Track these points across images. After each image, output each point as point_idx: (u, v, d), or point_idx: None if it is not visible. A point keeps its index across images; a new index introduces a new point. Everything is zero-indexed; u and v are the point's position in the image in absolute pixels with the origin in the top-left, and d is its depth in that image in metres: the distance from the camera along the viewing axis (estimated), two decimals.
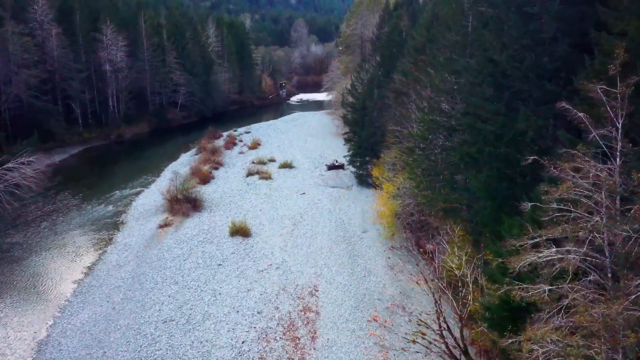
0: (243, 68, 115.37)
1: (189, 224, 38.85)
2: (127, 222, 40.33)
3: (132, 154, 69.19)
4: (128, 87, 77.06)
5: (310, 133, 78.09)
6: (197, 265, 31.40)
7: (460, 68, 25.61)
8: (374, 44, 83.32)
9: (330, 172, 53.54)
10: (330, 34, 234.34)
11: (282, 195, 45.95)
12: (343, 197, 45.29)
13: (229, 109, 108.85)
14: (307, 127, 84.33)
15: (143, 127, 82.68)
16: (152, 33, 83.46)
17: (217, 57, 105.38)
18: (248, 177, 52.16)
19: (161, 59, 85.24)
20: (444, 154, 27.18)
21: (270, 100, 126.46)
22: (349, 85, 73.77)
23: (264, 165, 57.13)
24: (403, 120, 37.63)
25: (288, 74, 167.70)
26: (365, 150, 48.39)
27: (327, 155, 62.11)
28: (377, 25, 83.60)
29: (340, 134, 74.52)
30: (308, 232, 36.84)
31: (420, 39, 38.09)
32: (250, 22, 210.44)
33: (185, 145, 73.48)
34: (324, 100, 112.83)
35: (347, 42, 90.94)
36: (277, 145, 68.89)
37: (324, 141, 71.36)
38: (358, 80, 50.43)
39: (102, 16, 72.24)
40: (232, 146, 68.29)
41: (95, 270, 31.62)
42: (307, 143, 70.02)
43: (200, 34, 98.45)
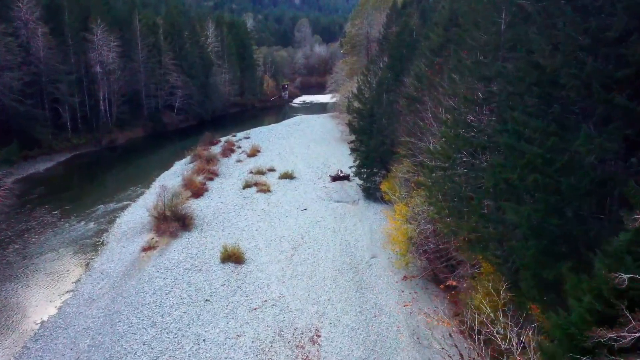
0: (244, 69, 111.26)
1: (176, 246, 34.57)
2: (108, 244, 36.07)
3: (124, 161, 65.03)
4: (121, 90, 72.99)
5: (313, 138, 73.79)
6: (180, 300, 27.10)
7: (492, 74, 21.23)
8: (381, 45, 78.99)
9: (334, 184, 49.21)
10: (334, 34, 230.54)
11: (281, 211, 41.63)
12: (349, 214, 40.93)
13: (229, 111, 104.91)
14: (309, 131, 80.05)
15: (137, 132, 78.66)
16: (148, 33, 79.38)
17: (216, 58, 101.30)
18: (245, 189, 47.88)
19: (157, 60, 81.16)
20: (471, 175, 22.79)
21: (272, 103, 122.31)
22: (355, 89, 69.65)
23: (263, 175, 52.88)
24: (417, 131, 33.26)
25: (291, 75, 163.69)
26: (373, 161, 44.05)
27: (331, 163, 57.79)
28: (384, 25, 79.27)
29: (345, 140, 70.27)
30: (309, 257, 32.49)
31: (437, 39, 33.72)
32: (252, 21, 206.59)
33: (181, 151, 69.56)
34: (327, 102, 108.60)
35: (352, 42, 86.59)
36: (278, 152, 64.60)
37: (327, 148, 67.04)
38: (365, 84, 46.10)
39: (92, 15, 68.11)
40: (230, 153, 64.05)
41: (65, 305, 27.37)
42: (309, 150, 65.71)
43: (199, 33, 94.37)
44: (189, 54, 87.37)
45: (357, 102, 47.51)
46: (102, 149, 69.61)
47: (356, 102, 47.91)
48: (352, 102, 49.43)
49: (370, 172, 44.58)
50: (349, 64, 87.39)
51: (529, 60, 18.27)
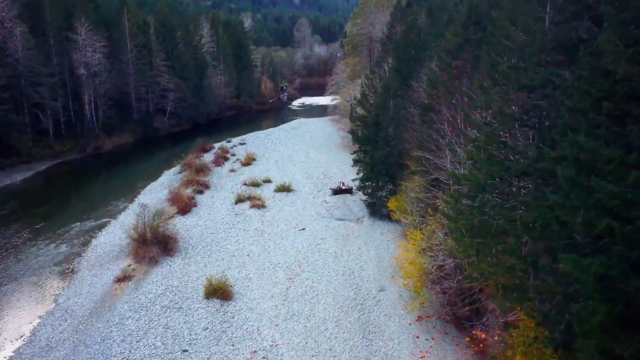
0: (240, 70, 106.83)
1: (155, 276, 30.18)
2: (79, 272, 31.67)
3: (109, 170, 60.64)
4: (108, 93, 68.54)
5: (313, 145, 69.38)
6: (154, 350, 22.69)
7: (536, 82, 16.87)
8: (384, 45, 74.60)
9: (335, 198, 44.82)
10: (334, 34, 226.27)
11: (276, 231, 37.23)
12: (352, 235, 36.54)
13: (225, 115, 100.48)
14: (309, 137, 75.64)
15: (126, 137, 74.28)
16: (137, 32, 74.91)
17: (211, 59, 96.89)
18: (237, 204, 43.48)
19: (147, 62, 76.73)
20: (505, 206, 18.42)
21: (270, 105, 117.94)
22: (358, 93, 65.29)
23: (258, 187, 48.49)
24: (432, 144, 28.91)
25: (290, 76, 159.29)
26: (379, 174, 39.65)
27: (331, 174, 53.39)
28: (387, 24, 74.92)
29: (346, 146, 65.89)
30: (308, 291, 28.11)
31: (454, 38, 29.31)
32: (251, 21, 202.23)
33: (172, 158, 65.23)
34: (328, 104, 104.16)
35: (354, 42, 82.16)
36: (275, 160, 60.18)
37: (328, 155, 62.63)
38: (370, 88, 41.71)
39: (76, 13, 63.69)
40: (223, 162, 59.62)
41: (16, 356, 22.98)
42: (308, 158, 61.30)
43: (193, 33, 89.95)
44: (181, 55, 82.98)
45: (360, 109, 43.13)
46: (87, 157, 65.20)
47: (359, 109, 43.53)
48: (355, 108, 45.01)
49: (376, 186, 40.19)
50: (351, 66, 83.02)
51: (594, 66, 13.90)
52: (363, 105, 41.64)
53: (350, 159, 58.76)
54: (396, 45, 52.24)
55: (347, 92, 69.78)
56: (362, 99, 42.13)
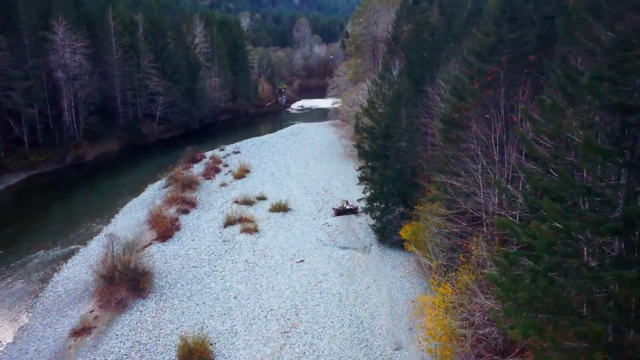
0: (236, 72, 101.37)
1: (121, 327, 24.76)
2: (30, 321, 26.25)
3: (89, 182, 55.19)
4: (90, 97, 63.11)
5: (313, 154, 63.94)
6: None
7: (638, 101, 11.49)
8: (390, 45, 69.25)
9: (338, 220, 39.38)
10: (334, 34, 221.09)
11: (270, 264, 31.80)
12: (359, 268, 31.13)
13: (220, 119, 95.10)
14: (308, 144, 70.20)
15: (111, 145, 68.93)
16: (124, 32, 69.47)
17: (205, 60, 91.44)
18: (227, 227, 38.05)
19: (134, 63, 71.32)
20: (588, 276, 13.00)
21: (268, 108, 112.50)
22: (361, 98, 59.91)
23: (251, 206, 43.10)
24: (459, 169, 23.52)
25: (289, 77, 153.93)
26: (389, 195, 34.21)
27: (333, 189, 47.99)
28: (393, 23, 69.68)
29: (349, 155, 60.56)
30: (307, 351, 22.69)
31: (487, 38, 23.94)
32: (249, 21, 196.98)
33: (160, 167, 59.95)
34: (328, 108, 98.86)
35: (357, 42, 76.74)
36: (271, 172, 54.72)
37: (329, 166, 57.17)
38: (378, 95, 36.23)
39: (54, 11, 58.23)
40: (214, 174, 54.16)
41: None
42: (308, 169, 55.83)
43: (185, 33, 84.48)
44: (172, 56, 77.52)
45: (367, 119, 37.68)
46: (67, 167, 59.76)
47: (366, 119, 38.08)
48: (361, 117, 39.55)
49: (385, 208, 34.72)
50: (353, 67, 77.61)
51: None
52: (370, 115, 36.17)
53: (354, 171, 53.56)
54: (406, 46, 46.93)
55: (350, 97, 64.40)
56: (369, 107, 36.66)
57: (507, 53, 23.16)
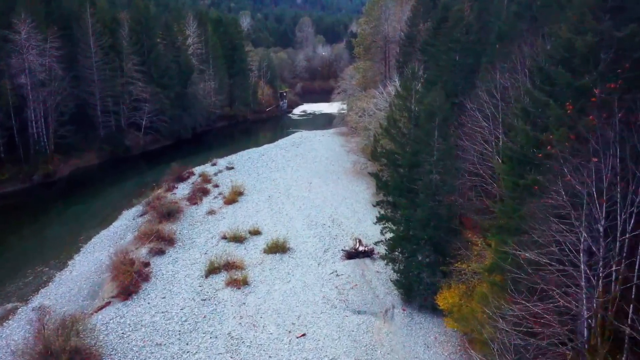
0: (234, 75, 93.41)
1: None
2: None
3: (55, 207, 47.48)
4: (62, 106, 55.26)
5: (317, 170, 55.90)
6: None
7: None
8: (403, 47, 61.27)
9: (350, 267, 31.37)
10: (338, 34, 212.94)
11: (261, 341, 23.79)
12: (380, 348, 23.12)
13: (215, 126, 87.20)
14: (312, 158, 62.16)
15: (89, 159, 61.18)
16: (104, 31, 61.65)
17: (199, 62, 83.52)
18: (209, 277, 30.13)
19: (116, 67, 63.50)
20: None
21: (268, 114, 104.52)
22: (373, 107, 51.98)
23: (241, 243, 35.19)
24: (544, 239, 15.51)
25: (291, 80, 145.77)
26: (418, 241, 26.21)
27: (342, 218, 40.00)
28: (408, 21, 61.72)
29: (359, 173, 52.68)
30: None
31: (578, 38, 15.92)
32: (250, 20, 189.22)
33: (143, 186, 52.35)
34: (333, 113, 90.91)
35: (366, 43, 68.64)
36: (268, 195, 46.73)
37: (336, 187, 49.13)
38: (402, 111, 28.12)
39: (17, 7, 50.43)
40: (201, 197, 46.18)
41: None
42: (311, 191, 47.78)
43: (176, 33, 76.56)
44: (160, 58, 69.59)
45: (387, 141, 29.62)
46: (34, 186, 51.90)
47: (385, 140, 30.02)
48: (379, 139, 31.44)
49: (413, 258, 26.70)
50: (361, 70, 69.55)
51: None
52: (392, 136, 28.10)
53: (366, 194, 45.78)
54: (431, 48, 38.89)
55: (359, 104, 56.42)
56: (390, 126, 28.55)
57: (612, 60, 15.17)
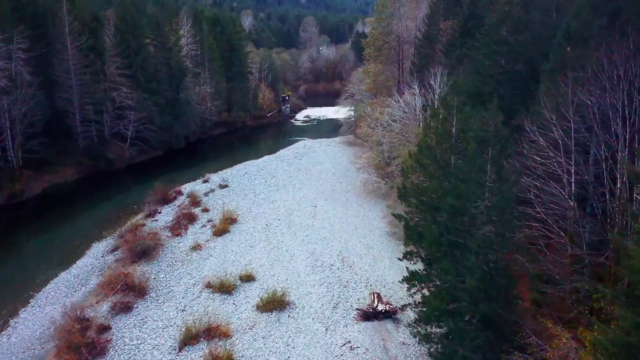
0: (232, 78, 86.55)
1: None
2: None
3: (14, 237, 40.51)
4: (32, 115, 48.44)
5: (323, 189, 48.86)
6: None
7: None
8: (419, 49, 54.13)
9: (367, 334, 24.25)
10: (343, 34, 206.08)
11: None
12: None
13: (211, 134, 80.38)
14: (317, 173, 55.13)
15: (67, 174, 54.37)
16: (83, 31, 54.79)
17: (194, 65, 76.68)
18: (183, 350, 23.10)
19: (98, 70, 56.65)
20: None
21: (269, 119, 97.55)
22: (388, 119, 44.95)
23: (230, 295, 28.16)
24: None
25: (294, 82, 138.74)
26: (462, 316, 19.11)
27: (354, 256, 32.94)
28: (426, 18, 54.59)
29: (370, 193, 45.77)
30: None
31: None
32: (252, 20, 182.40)
33: (123, 208, 45.86)
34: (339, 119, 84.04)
35: (377, 44, 61.44)
36: (265, 223, 39.69)
37: (345, 211, 42.07)
38: (442, 137, 20.83)
39: None
40: (187, 225, 39.21)
41: None
42: (316, 218, 40.71)
43: (167, 33, 69.63)
44: (148, 60, 62.70)
45: (418, 174, 22.46)
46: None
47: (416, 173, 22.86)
48: (407, 172, 24.20)
49: (456, 338, 19.58)
50: (372, 74, 62.38)
51: None
52: (427, 171, 20.97)
53: (381, 223, 38.73)
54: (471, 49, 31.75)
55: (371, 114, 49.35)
56: (423, 156, 21.39)
57: None
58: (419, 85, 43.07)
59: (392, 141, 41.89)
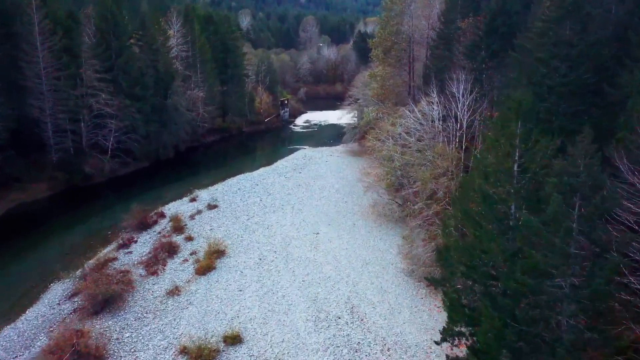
0: (227, 81, 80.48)
1: None
2: None
3: None
4: None
5: (325, 210, 42.79)
6: None
7: None
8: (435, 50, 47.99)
9: None
10: (344, 34, 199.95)
11: None
12: None
13: (204, 141, 74.34)
14: (318, 190, 49.07)
15: (37, 191, 48.26)
16: (55, 30, 48.73)
17: (184, 67, 70.60)
18: None
19: (73, 74, 50.55)
20: None
21: (267, 125, 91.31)
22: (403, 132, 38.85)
23: None
24: None
25: (294, 83, 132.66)
26: None
27: (365, 306, 26.97)
28: (441, 15, 48.52)
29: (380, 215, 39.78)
30: None
31: None
32: (250, 19, 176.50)
33: (98, 233, 40.16)
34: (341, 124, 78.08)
35: (386, 45, 55.23)
36: (258, 256, 33.61)
37: (352, 241, 36.00)
38: (502, 180, 14.80)
39: None
40: (165, 261, 33.09)
41: None
42: (318, 250, 34.61)
43: (154, 32, 63.51)
44: (132, 63, 56.55)
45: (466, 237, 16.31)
46: None
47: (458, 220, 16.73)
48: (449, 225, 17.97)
49: None
50: (380, 79, 56.16)
51: None
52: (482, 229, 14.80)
53: (397, 258, 32.70)
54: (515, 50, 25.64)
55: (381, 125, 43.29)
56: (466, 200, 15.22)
57: None
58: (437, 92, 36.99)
59: (407, 158, 35.83)
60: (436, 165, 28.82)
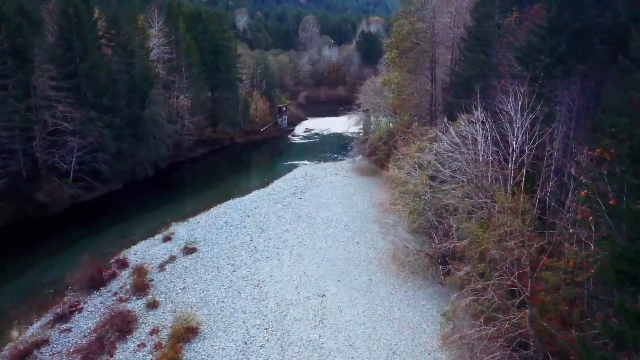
0: (217, 87, 71.46)
1: None
2: None
3: None
4: None
5: (333, 258, 33.56)
6: None
7: None
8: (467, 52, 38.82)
9: None
10: (346, 34, 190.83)
11: None
12: None
13: (191, 155, 65.31)
14: (323, 225, 39.89)
15: None
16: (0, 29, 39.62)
17: (167, 72, 61.48)
18: None
19: (21, 82, 41.39)
20: None
21: (264, 134, 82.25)
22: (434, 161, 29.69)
23: None
24: None
25: (293, 87, 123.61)
26: None
27: None
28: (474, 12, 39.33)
29: (405, 266, 30.69)
30: None
31: None
32: (247, 18, 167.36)
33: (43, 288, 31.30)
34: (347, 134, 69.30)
35: (404, 46, 45.83)
36: (243, 338, 24.38)
37: (372, 311, 26.85)
38: None
39: None
40: (114, 345, 23.95)
41: None
42: (324, 327, 25.37)
43: (130, 32, 54.23)
44: (98, 68, 47.31)
45: None
46: None
47: None
48: None
49: None
50: (395, 87, 46.79)
51: None
52: None
53: (433, 336, 23.52)
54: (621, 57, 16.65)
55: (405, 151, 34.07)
56: None
57: None
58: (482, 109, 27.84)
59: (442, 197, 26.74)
60: (499, 221, 19.69)
